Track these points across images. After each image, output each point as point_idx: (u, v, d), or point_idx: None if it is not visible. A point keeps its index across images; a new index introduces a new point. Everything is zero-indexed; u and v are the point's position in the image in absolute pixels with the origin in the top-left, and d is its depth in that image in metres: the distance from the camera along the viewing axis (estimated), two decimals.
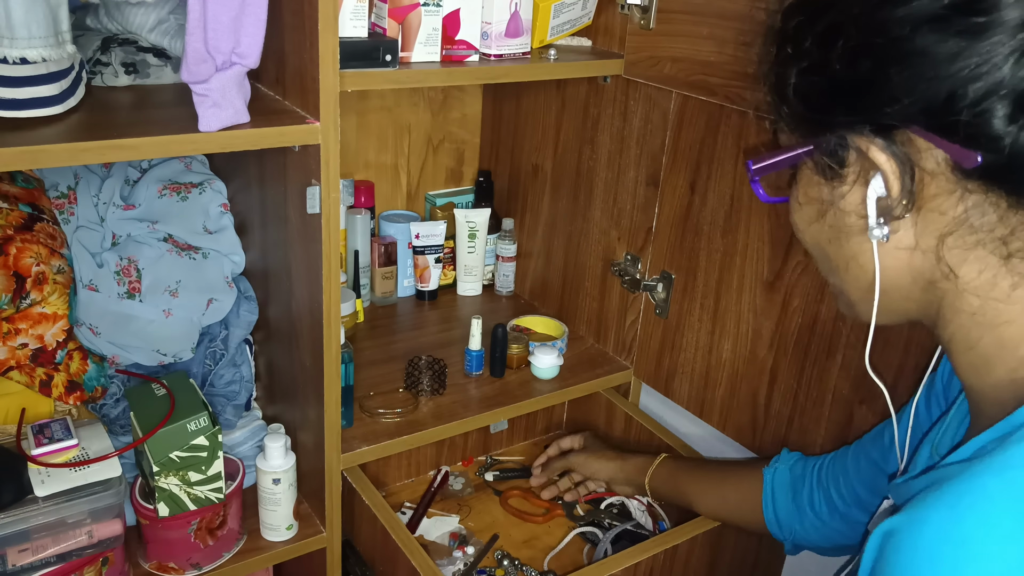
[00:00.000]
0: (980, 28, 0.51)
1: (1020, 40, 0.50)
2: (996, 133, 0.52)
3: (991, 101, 0.52)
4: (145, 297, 1.20)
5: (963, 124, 0.53)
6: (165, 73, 1.08)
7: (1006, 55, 0.51)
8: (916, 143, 0.57)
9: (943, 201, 0.57)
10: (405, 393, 1.34)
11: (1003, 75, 0.51)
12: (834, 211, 0.64)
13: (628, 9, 1.29)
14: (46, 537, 0.99)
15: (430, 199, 1.73)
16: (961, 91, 0.52)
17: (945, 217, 0.57)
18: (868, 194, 0.60)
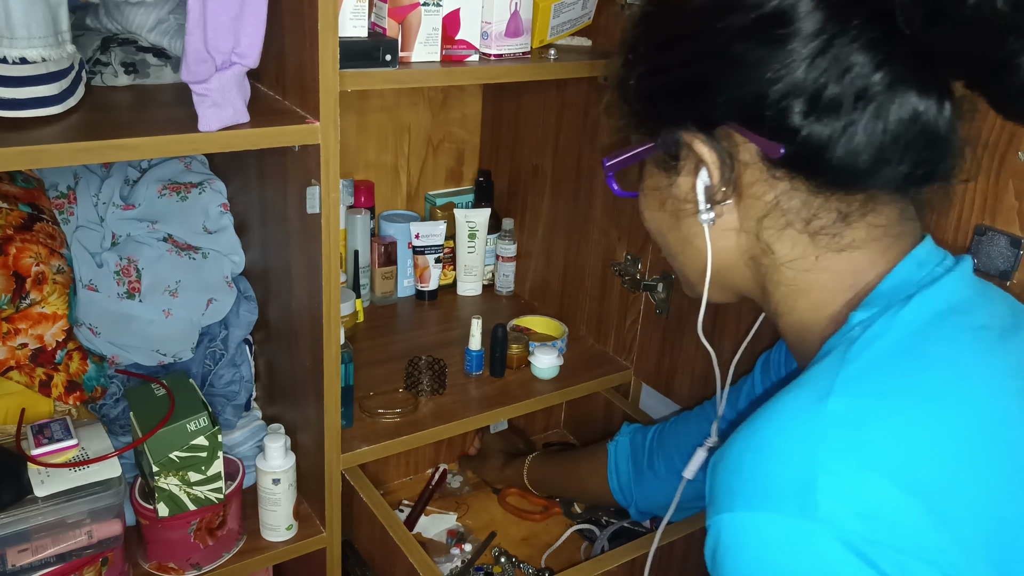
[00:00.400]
0: (780, 39, 0.60)
1: (811, 48, 0.59)
2: (794, 127, 0.61)
3: (789, 100, 0.60)
4: (145, 297, 1.20)
5: (768, 120, 0.62)
6: (165, 73, 1.08)
7: (800, 60, 0.59)
8: (734, 137, 0.66)
9: (758, 188, 0.66)
10: (405, 393, 1.34)
11: (798, 78, 0.60)
12: (671, 200, 0.73)
13: (628, 9, 1.29)
14: (46, 537, 0.99)
15: (430, 199, 1.73)
16: (766, 92, 0.61)
17: (760, 202, 0.67)
18: (697, 183, 0.69)
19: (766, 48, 0.60)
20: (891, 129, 0.60)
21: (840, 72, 0.59)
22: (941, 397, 0.59)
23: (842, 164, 0.62)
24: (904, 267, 0.66)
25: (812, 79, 0.60)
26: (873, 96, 0.60)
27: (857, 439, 0.56)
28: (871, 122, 0.60)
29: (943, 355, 0.61)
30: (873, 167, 0.62)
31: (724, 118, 0.65)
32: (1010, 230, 0.90)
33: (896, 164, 0.62)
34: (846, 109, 0.60)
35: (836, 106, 0.60)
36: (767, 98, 0.61)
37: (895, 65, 0.59)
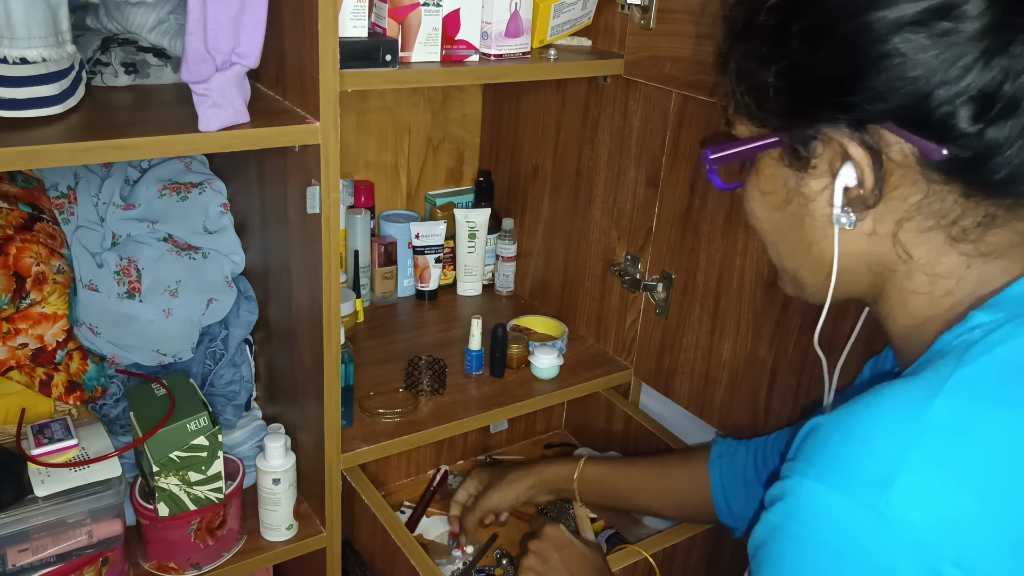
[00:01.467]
0: (949, 33, 0.56)
1: (984, 46, 0.55)
2: (962, 131, 0.57)
3: (958, 101, 0.57)
4: (145, 297, 1.20)
5: (934, 122, 0.58)
6: (165, 73, 1.08)
7: (972, 59, 0.56)
8: (886, 137, 0.61)
9: (904, 190, 0.62)
10: (405, 393, 1.34)
11: (970, 79, 0.56)
12: (799, 199, 0.68)
13: (628, 9, 1.29)
14: (46, 537, 0.99)
15: (430, 199, 1.73)
16: (932, 91, 0.57)
17: (905, 204, 0.62)
18: (836, 184, 0.64)
19: (934, 44, 0.56)
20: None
21: (1017, 73, 0.56)
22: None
23: (1011, 170, 0.58)
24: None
25: (985, 80, 0.56)
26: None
27: (954, 446, 0.53)
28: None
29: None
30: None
31: (881, 118, 0.60)
32: None
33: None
34: (1021, 112, 0.57)
35: (1011, 109, 0.57)
36: (933, 98, 0.57)
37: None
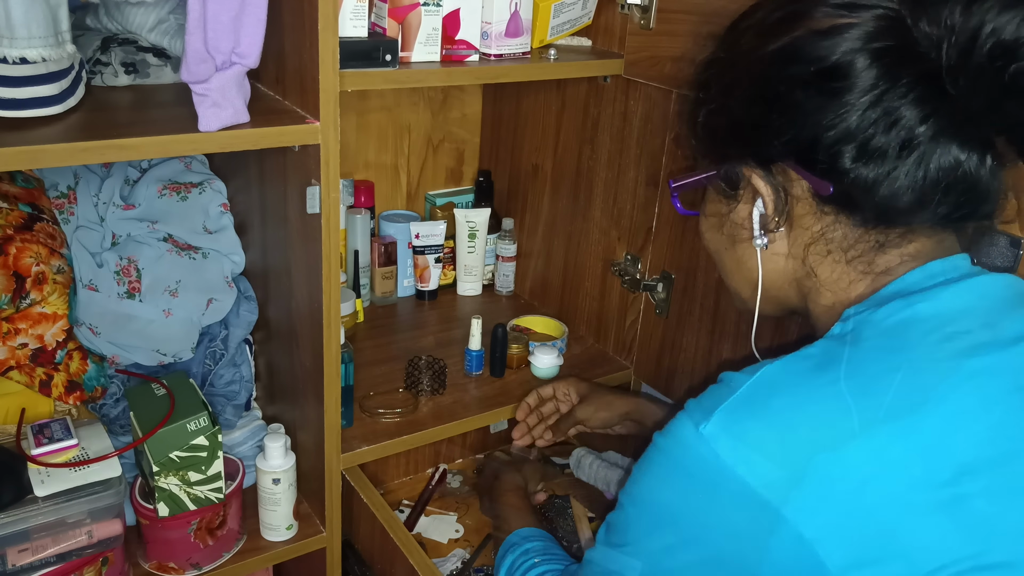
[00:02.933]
0: (837, 91, 0.67)
1: (864, 100, 0.66)
2: (844, 169, 0.68)
3: (841, 145, 0.68)
4: (145, 297, 1.20)
5: (820, 161, 0.69)
6: (165, 73, 1.08)
7: (854, 111, 0.66)
8: (789, 174, 0.74)
9: (807, 219, 0.74)
10: (405, 393, 1.34)
11: (851, 126, 0.67)
12: (728, 224, 0.81)
13: (628, 9, 1.29)
14: (46, 537, 0.99)
15: (430, 199, 1.73)
16: (821, 136, 0.68)
17: (808, 231, 0.75)
18: (753, 211, 0.77)
19: (824, 98, 0.67)
20: (931, 176, 0.67)
21: (889, 123, 0.66)
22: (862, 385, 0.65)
23: (885, 204, 0.69)
24: (911, 276, 0.72)
25: (863, 128, 0.67)
26: (917, 146, 0.66)
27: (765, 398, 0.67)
28: (914, 169, 0.67)
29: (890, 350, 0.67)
30: (913, 208, 0.69)
31: (781, 157, 0.73)
32: (1010, 230, 0.89)
33: (935, 206, 0.69)
34: (891, 156, 0.67)
35: (883, 153, 0.67)
36: (821, 142, 0.68)
37: (940, 119, 0.66)
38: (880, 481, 0.62)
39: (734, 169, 0.77)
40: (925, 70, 0.66)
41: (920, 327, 0.68)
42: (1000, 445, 0.63)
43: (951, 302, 0.69)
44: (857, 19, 0.67)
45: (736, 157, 0.77)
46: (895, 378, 0.65)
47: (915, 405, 0.63)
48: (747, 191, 0.78)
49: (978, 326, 0.68)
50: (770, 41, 0.71)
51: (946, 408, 0.64)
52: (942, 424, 0.63)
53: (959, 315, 0.68)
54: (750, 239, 0.79)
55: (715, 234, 0.85)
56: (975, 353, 0.66)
